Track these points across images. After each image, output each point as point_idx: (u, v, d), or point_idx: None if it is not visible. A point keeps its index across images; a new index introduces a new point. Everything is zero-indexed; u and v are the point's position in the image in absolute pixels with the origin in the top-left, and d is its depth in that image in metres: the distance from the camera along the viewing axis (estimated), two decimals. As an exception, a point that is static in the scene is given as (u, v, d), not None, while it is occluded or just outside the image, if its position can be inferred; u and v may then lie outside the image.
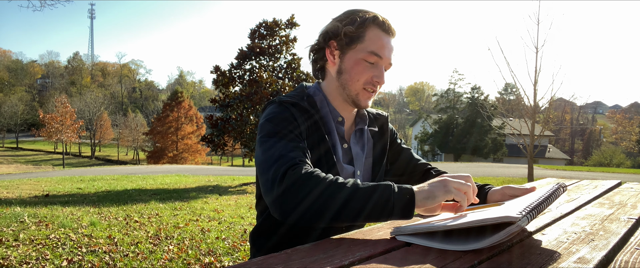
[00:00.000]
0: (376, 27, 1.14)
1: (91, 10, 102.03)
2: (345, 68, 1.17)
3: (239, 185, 10.88)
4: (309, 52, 1.24)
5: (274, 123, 1.07)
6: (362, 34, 1.13)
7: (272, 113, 1.11)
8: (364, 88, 1.17)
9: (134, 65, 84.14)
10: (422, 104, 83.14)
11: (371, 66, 1.15)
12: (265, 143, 1.04)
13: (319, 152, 1.13)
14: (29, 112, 56.88)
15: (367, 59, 1.14)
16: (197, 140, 38.86)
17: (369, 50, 1.13)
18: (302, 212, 0.88)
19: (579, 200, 1.35)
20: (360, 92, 1.17)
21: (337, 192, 0.88)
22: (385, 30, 1.15)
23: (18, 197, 7.75)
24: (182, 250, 3.82)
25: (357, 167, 1.23)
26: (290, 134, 1.05)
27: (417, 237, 0.82)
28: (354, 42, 1.14)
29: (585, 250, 0.77)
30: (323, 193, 0.88)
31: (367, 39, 1.13)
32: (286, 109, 1.11)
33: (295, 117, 1.10)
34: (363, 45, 1.14)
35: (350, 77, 1.16)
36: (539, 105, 11.90)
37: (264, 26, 12.14)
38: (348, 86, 1.17)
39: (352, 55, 1.15)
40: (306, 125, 1.12)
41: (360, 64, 1.15)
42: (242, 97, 11.12)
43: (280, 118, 1.09)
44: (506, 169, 18.12)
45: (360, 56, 1.14)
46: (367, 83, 1.16)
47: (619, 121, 48.62)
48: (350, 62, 1.16)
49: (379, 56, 1.14)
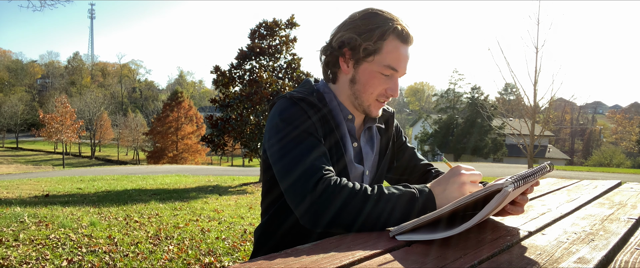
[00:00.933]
0: (395, 37, 1.08)
1: (91, 10, 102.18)
2: (359, 79, 1.13)
3: (239, 185, 10.88)
4: (320, 54, 1.20)
5: (289, 123, 1.05)
6: (380, 47, 1.08)
7: (285, 111, 1.07)
8: (376, 99, 1.14)
9: (134, 65, 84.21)
10: (422, 104, 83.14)
11: (386, 78, 1.12)
12: (284, 147, 1.02)
13: (328, 144, 1.11)
14: (29, 112, 56.87)
15: (383, 72, 1.10)
16: (197, 140, 38.85)
17: (385, 63, 1.09)
18: (332, 223, 0.91)
19: (579, 200, 1.35)
20: (372, 104, 1.15)
21: (365, 203, 0.91)
22: (404, 40, 1.10)
23: (18, 197, 7.75)
24: (182, 250, 3.82)
25: (367, 166, 1.23)
26: (310, 136, 1.04)
27: (418, 233, 0.82)
28: (371, 55, 1.09)
29: (585, 250, 0.77)
30: (353, 205, 0.90)
31: (385, 52, 1.08)
32: (297, 105, 1.08)
33: (307, 112, 1.08)
34: (380, 57, 1.09)
35: (364, 89, 1.13)
36: (539, 105, 11.89)
37: (264, 26, 12.14)
38: (360, 97, 1.14)
39: (367, 67, 1.11)
40: (316, 117, 1.09)
41: (376, 77, 1.11)
42: (242, 97, 11.12)
43: (295, 116, 1.06)
44: (506, 169, 18.12)
45: (375, 69, 1.10)
46: (380, 95, 1.14)
47: (619, 121, 48.64)
48: (364, 74, 1.12)
49: (395, 70, 1.10)
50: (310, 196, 0.92)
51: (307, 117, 1.07)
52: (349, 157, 1.17)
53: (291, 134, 1.03)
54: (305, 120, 1.06)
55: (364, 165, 1.21)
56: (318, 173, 0.95)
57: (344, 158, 1.13)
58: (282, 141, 1.03)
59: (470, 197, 0.79)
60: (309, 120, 1.06)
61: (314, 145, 1.02)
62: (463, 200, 0.80)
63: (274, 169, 1.05)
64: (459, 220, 0.89)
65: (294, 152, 0.99)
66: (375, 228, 0.91)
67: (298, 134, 1.03)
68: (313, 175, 0.94)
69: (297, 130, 1.03)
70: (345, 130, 1.17)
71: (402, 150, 1.38)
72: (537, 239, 0.85)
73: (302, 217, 0.94)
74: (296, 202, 0.95)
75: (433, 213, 0.83)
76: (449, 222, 0.90)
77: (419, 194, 0.94)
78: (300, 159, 0.97)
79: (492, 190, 0.77)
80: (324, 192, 0.91)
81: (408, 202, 0.92)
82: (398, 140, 1.37)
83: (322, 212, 0.91)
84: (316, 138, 1.04)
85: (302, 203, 0.93)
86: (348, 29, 1.10)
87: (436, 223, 0.88)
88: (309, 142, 1.02)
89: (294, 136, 1.02)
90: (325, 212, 0.91)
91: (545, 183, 1.79)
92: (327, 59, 1.17)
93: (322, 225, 0.92)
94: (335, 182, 0.93)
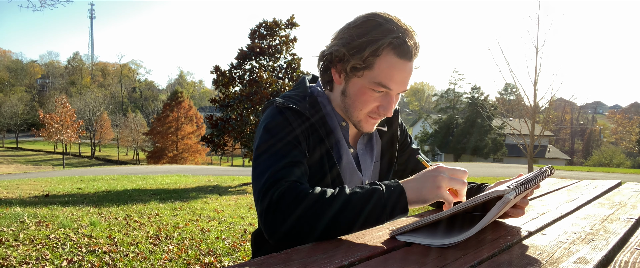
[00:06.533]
0: (392, 52, 0.97)
1: (91, 10, 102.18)
2: (349, 93, 1.05)
3: (239, 185, 10.87)
4: (317, 61, 1.12)
5: (272, 134, 1.00)
6: (372, 63, 0.98)
7: (270, 120, 1.02)
8: (368, 115, 1.06)
9: (134, 65, 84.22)
10: (422, 104, 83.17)
11: (378, 95, 1.02)
12: (259, 156, 0.97)
13: (318, 154, 1.06)
14: (29, 112, 56.86)
15: (374, 88, 1.01)
16: (197, 140, 38.84)
17: (376, 80, 0.99)
18: (286, 232, 0.84)
19: (579, 200, 1.35)
20: (363, 120, 1.07)
21: (324, 209, 0.84)
22: (403, 55, 0.97)
23: (18, 197, 7.75)
24: (182, 250, 3.82)
25: (365, 175, 1.17)
26: (287, 148, 0.97)
27: (417, 236, 0.82)
28: (360, 70, 1.00)
29: (585, 250, 0.77)
30: (308, 211, 0.83)
31: (377, 68, 0.98)
32: (282, 115, 1.02)
33: (292, 124, 1.01)
34: (371, 73, 0.99)
35: (354, 104, 1.05)
36: (539, 105, 11.90)
37: (264, 26, 12.15)
38: (350, 111, 1.07)
39: (358, 81, 1.02)
40: (304, 127, 1.03)
41: (366, 94, 1.02)
42: (242, 97, 11.12)
43: (279, 127, 1.00)
44: (506, 169, 18.11)
45: (366, 84, 1.01)
46: (372, 112, 1.05)
47: (619, 121, 48.64)
48: (354, 89, 1.03)
49: (388, 88, 1.00)
50: (268, 206, 0.86)
51: (291, 129, 1.00)
52: (345, 165, 1.11)
53: (269, 144, 0.98)
54: (289, 132, 1.00)
55: (362, 173, 1.15)
56: (279, 182, 0.88)
57: (337, 167, 1.08)
58: (258, 150, 0.98)
59: (471, 201, 0.79)
60: (292, 131, 1.00)
61: (288, 157, 0.95)
62: (464, 205, 0.79)
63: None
64: (459, 222, 0.89)
65: (266, 162, 0.94)
66: (338, 234, 0.85)
67: (275, 144, 0.98)
68: (267, 182, 0.89)
69: (276, 140, 0.98)
70: (340, 137, 1.11)
71: (407, 153, 1.30)
72: (537, 239, 0.85)
73: (262, 226, 0.88)
74: (258, 212, 0.90)
75: (434, 216, 0.82)
76: (449, 224, 0.90)
77: (385, 190, 0.86)
78: (268, 169, 0.92)
79: (493, 196, 0.76)
80: (279, 201, 0.85)
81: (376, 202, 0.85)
82: (403, 143, 1.29)
83: (272, 220, 0.85)
84: (296, 150, 0.98)
85: (261, 214, 0.88)
86: (341, 38, 1.02)
87: (436, 223, 0.88)
88: (285, 154, 0.96)
89: (270, 146, 0.97)
90: (274, 220, 0.84)
91: (545, 183, 1.79)
92: (322, 67, 1.10)
93: (274, 233, 0.85)
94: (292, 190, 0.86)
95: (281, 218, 0.84)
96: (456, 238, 0.77)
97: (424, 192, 0.87)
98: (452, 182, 0.88)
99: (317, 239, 0.84)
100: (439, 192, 0.87)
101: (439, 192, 0.87)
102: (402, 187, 0.88)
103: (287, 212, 0.84)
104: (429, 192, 0.87)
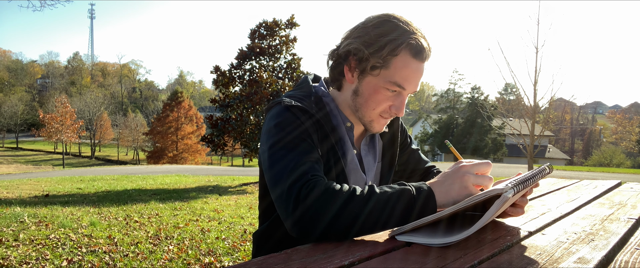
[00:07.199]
0: (408, 53, 0.98)
1: (91, 10, 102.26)
2: (362, 92, 1.05)
3: (239, 185, 10.87)
4: (327, 59, 1.12)
5: (282, 129, 0.99)
6: (389, 62, 0.99)
7: (278, 116, 1.02)
8: (380, 115, 1.07)
9: (134, 65, 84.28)
10: (422, 104, 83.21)
11: (392, 94, 1.03)
12: (274, 154, 0.96)
13: (324, 149, 1.06)
14: (29, 112, 56.87)
15: (388, 87, 1.01)
16: (197, 140, 38.85)
17: (392, 80, 1.00)
18: (323, 232, 0.84)
19: (579, 200, 1.35)
20: (374, 119, 1.08)
21: (358, 207, 0.84)
22: (418, 56, 0.99)
23: (18, 197, 7.75)
24: (182, 250, 3.82)
25: (369, 176, 1.17)
26: (302, 142, 0.97)
27: (417, 235, 0.82)
28: (377, 69, 1.00)
29: (585, 250, 0.77)
30: (344, 211, 0.83)
31: (394, 68, 0.99)
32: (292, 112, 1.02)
33: (300, 118, 1.02)
34: (387, 72, 1.00)
35: (366, 104, 1.05)
36: (539, 105, 11.90)
37: (264, 26, 12.15)
38: (361, 110, 1.07)
39: (372, 80, 1.02)
40: (311, 122, 1.03)
41: (380, 92, 1.03)
42: (242, 97, 11.12)
43: (288, 121, 1.00)
44: (506, 169, 18.10)
45: (381, 84, 1.01)
46: (384, 112, 1.06)
47: (619, 121, 48.62)
48: (368, 88, 1.04)
49: (403, 87, 1.01)
50: (295, 206, 0.85)
51: (300, 123, 1.01)
52: (348, 163, 1.11)
53: (283, 141, 0.97)
54: (298, 126, 1.00)
55: (366, 174, 1.16)
56: (304, 179, 0.88)
57: (341, 163, 1.08)
58: (273, 148, 0.97)
59: (470, 200, 0.80)
60: (302, 125, 1.00)
61: (305, 152, 0.95)
62: (463, 204, 0.80)
63: (265, 177, 1.00)
64: (459, 220, 0.90)
65: (284, 160, 0.93)
66: (369, 233, 0.86)
67: (290, 140, 0.97)
68: (298, 183, 0.88)
69: (289, 136, 0.98)
70: (343, 135, 1.12)
71: (407, 154, 1.32)
72: (537, 239, 0.85)
73: (293, 228, 0.87)
74: (281, 211, 0.90)
75: (433, 215, 0.83)
76: (449, 223, 0.90)
77: (415, 192, 0.87)
78: (290, 167, 0.91)
79: (491, 195, 0.77)
80: (311, 200, 0.84)
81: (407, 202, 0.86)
82: (404, 143, 1.31)
83: (309, 222, 0.84)
84: (310, 144, 0.99)
85: (288, 214, 0.87)
86: (358, 36, 1.02)
87: (436, 223, 0.88)
88: (301, 148, 0.96)
89: (286, 143, 0.97)
90: (312, 221, 0.84)
91: (545, 183, 1.79)
92: (333, 64, 1.10)
93: (314, 235, 0.84)
94: (320, 187, 0.86)
95: (316, 219, 0.83)
96: (456, 237, 0.77)
97: (453, 194, 0.88)
98: (478, 179, 0.89)
99: (350, 238, 0.85)
100: (468, 191, 0.88)
101: (467, 192, 0.88)
102: (430, 190, 0.88)
103: (321, 212, 0.83)
104: (458, 193, 0.88)
